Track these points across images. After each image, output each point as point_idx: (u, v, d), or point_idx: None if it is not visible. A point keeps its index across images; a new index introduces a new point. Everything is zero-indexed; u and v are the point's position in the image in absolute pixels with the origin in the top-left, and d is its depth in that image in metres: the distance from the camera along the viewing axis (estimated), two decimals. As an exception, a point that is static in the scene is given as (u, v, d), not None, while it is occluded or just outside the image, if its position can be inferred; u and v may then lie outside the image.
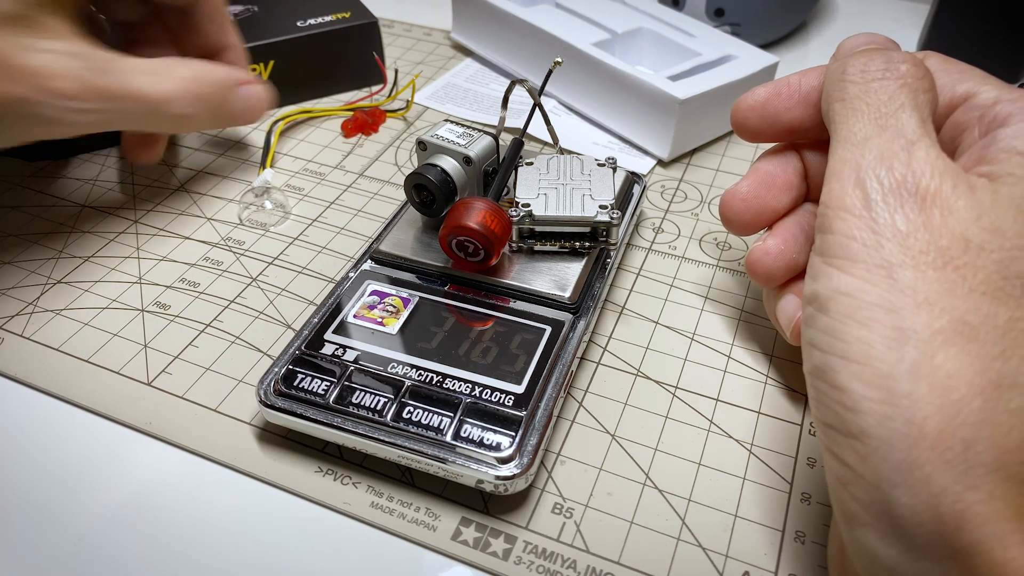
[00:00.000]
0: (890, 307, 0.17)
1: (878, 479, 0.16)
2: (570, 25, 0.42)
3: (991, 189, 0.18)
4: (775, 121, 0.25)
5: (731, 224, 0.27)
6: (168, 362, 0.28)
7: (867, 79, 0.21)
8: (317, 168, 0.38)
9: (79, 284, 0.31)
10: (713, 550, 0.22)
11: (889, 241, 0.18)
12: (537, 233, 0.28)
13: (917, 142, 0.19)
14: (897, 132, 0.19)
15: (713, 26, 0.44)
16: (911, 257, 0.17)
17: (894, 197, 0.18)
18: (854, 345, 0.17)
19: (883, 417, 0.16)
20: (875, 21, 0.54)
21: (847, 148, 0.20)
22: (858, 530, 0.17)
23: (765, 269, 0.25)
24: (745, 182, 0.26)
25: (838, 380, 0.17)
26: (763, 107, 0.25)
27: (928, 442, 0.16)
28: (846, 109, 0.21)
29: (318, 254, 0.33)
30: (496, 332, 0.26)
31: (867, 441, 0.17)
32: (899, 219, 0.18)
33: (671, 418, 0.26)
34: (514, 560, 0.22)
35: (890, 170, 0.18)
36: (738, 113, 0.26)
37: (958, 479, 0.15)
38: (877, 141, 0.19)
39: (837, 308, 0.18)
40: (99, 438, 0.26)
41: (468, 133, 0.29)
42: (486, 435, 0.23)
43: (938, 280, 0.17)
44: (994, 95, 0.21)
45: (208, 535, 0.23)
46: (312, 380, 0.24)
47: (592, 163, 0.30)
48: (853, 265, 0.18)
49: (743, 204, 0.26)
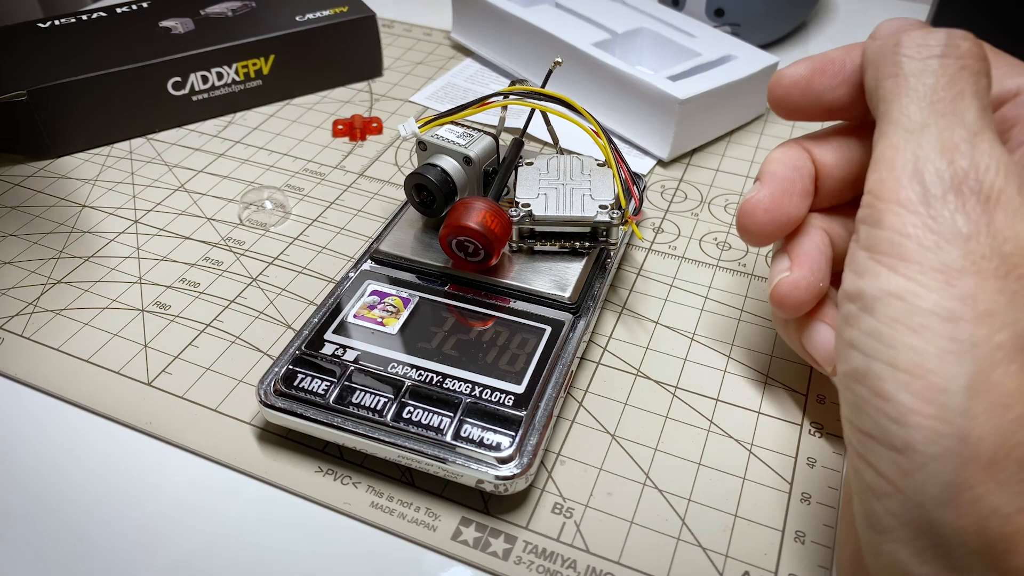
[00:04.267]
0: (947, 315, 0.16)
1: (922, 496, 0.15)
2: (570, 25, 0.42)
3: None
4: (817, 100, 0.23)
5: (752, 236, 0.24)
6: (168, 362, 0.28)
7: (925, 55, 0.19)
8: (317, 168, 0.38)
9: (79, 284, 0.31)
10: (713, 550, 0.22)
11: (949, 243, 0.16)
12: (537, 233, 0.28)
13: (979, 133, 0.17)
14: (959, 120, 0.17)
15: (713, 26, 0.44)
16: (972, 262, 0.16)
17: (955, 194, 0.17)
18: (904, 353, 0.16)
19: (934, 433, 0.15)
20: (875, 21, 0.53)
21: (901, 134, 0.18)
22: (888, 544, 0.16)
23: (795, 303, 0.23)
24: (764, 190, 0.24)
25: (883, 389, 0.16)
26: (807, 85, 0.23)
27: (981, 462, 0.15)
28: (900, 87, 0.19)
29: (318, 254, 0.33)
30: (496, 332, 0.26)
31: (912, 456, 0.16)
32: (960, 219, 0.16)
33: (671, 418, 0.26)
34: (514, 560, 0.22)
35: (952, 163, 0.17)
36: (779, 89, 0.23)
37: (1011, 501, 0.15)
38: (936, 129, 0.17)
39: (886, 311, 0.17)
40: (99, 438, 0.26)
41: (468, 133, 0.29)
42: (486, 435, 0.23)
43: (1000, 290, 0.16)
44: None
45: (208, 535, 0.23)
46: (312, 380, 0.24)
47: (592, 163, 0.30)
48: (906, 266, 0.17)
49: (767, 215, 0.23)
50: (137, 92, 0.39)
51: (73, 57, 0.38)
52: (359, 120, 0.40)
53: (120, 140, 0.40)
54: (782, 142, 0.25)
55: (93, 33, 0.41)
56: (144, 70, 0.38)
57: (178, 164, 0.38)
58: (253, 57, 0.41)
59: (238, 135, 0.40)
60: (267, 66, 0.42)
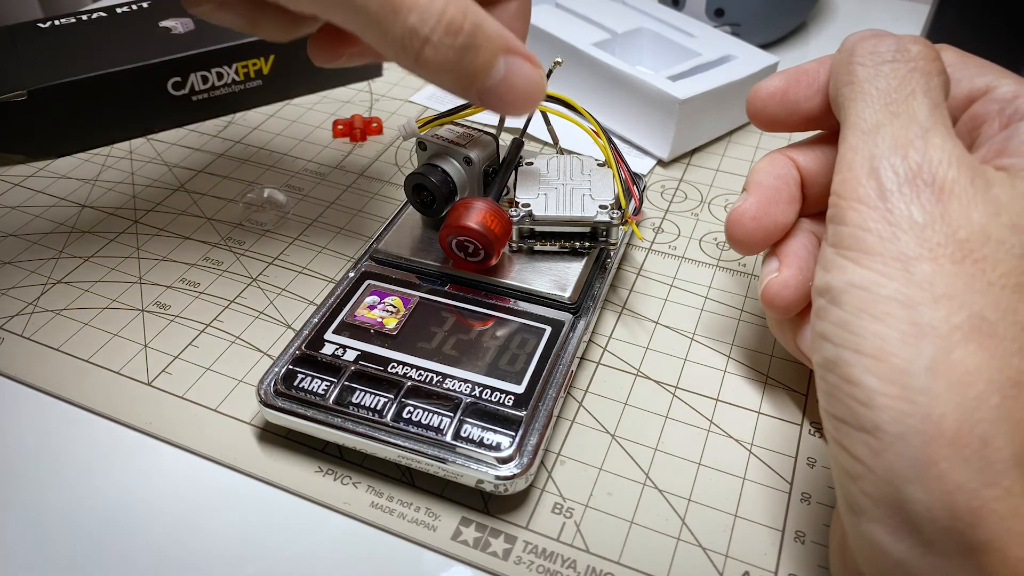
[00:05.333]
0: (907, 301, 0.17)
1: (891, 474, 0.16)
2: (570, 25, 0.42)
3: (1010, 183, 0.18)
4: (794, 110, 0.24)
5: (741, 245, 0.25)
6: (168, 362, 0.28)
7: (877, 61, 0.20)
8: (317, 168, 0.38)
9: (79, 284, 0.31)
10: (713, 550, 0.22)
11: (905, 233, 0.17)
12: (537, 233, 0.28)
13: (931, 129, 0.18)
14: (911, 119, 0.19)
15: (713, 26, 0.44)
16: (928, 250, 0.17)
17: (910, 187, 0.18)
18: (868, 339, 0.17)
19: (899, 413, 0.16)
20: (875, 21, 0.54)
21: (858, 135, 0.19)
22: (866, 524, 0.17)
23: (785, 302, 0.24)
24: (751, 199, 0.24)
25: (851, 374, 0.17)
26: (783, 95, 0.24)
27: (945, 439, 0.15)
28: (855, 93, 0.20)
29: (318, 254, 0.33)
30: (496, 332, 0.26)
31: (881, 436, 0.16)
32: (916, 210, 0.17)
33: (671, 418, 0.26)
34: (514, 560, 0.22)
35: (905, 159, 0.18)
36: (756, 101, 0.25)
37: (975, 476, 0.15)
38: (890, 128, 0.19)
39: (851, 301, 0.18)
40: (99, 438, 0.26)
41: (468, 133, 0.29)
42: (486, 435, 0.23)
43: (956, 274, 0.17)
44: (1014, 89, 0.21)
45: (207, 535, 0.23)
46: (312, 380, 0.24)
47: (592, 163, 0.30)
48: (868, 257, 0.18)
49: (754, 223, 0.24)
50: (137, 92, 0.39)
51: (73, 57, 0.38)
52: (359, 120, 0.40)
53: (120, 140, 0.40)
54: (767, 152, 0.26)
55: (93, 33, 0.41)
56: (144, 70, 0.38)
57: (178, 164, 0.38)
58: (253, 57, 0.41)
59: (238, 135, 0.40)
60: (267, 66, 0.42)
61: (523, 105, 0.21)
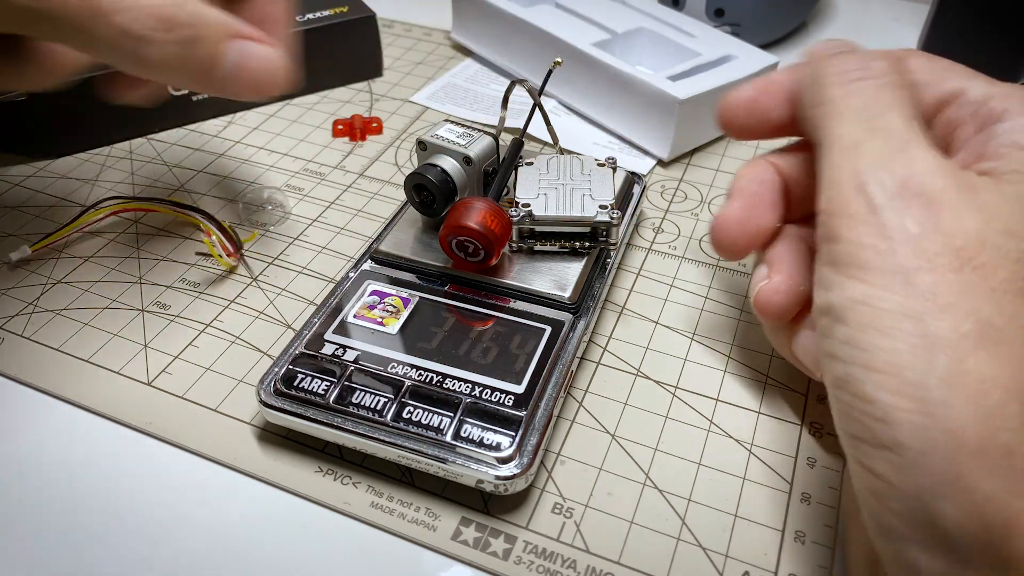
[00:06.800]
0: (912, 313, 0.16)
1: (918, 490, 0.16)
2: (570, 25, 0.42)
3: (997, 188, 0.18)
4: (763, 119, 0.24)
5: (726, 250, 0.25)
6: (168, 362, 0.28)
7: (845, 80, 0.20)
8: (317, 168, 0.38)
9: (79, 284, 0.31)
10: (713, 550, 0.22)
11: (902, 245, 0.17)
12: (537, 233, 0.28)
13: (911, 141, 0.18)
14: (889, 133, 0.19)
15: (713, 26, 0.44)
16: (927, 260, 0.17)
17: (900, 199, 0.17)
18: (878, 354, 0.17)
19: (918, 427, 0.16)
20: (875, 21, 0.54)
21: (838, 153, 0.19)
22: (898, 544, 0.17)
23: (777, 308, 0.24)
24: (734, 204, 0.25)
25: (864, 391, 0.17)
26: (751, 105, 0.24)
27: (969, 451, 0.15)
28: (830, 112, 0.20)
29: (318, 254, 0.33)
30: (496, 332, 0.26)
31: (903, 452, 0.16)
32: (909, 222, 0.17)
33: (671, 418, 0.26)
34: (514, 560, 0.22)
35: (891, 172, 0.18)
36: (726, 111, 0.25)
37: (1003, 487, 0.15)
38: (870, 144, 0.19)
39: (855, 318, 0.17)
40: (99, 438, 0.26)
41: (468, 133, 0.29)
42: (486, 435, 0.23)
43: (958, 282, 0.16)
44: (984, 91, 0.20)
45: (208, 535, 0.23)
46: (312, 380, 0.24)
47: (592, 163, 0.30)
48: (867, 273, 0.17)
49: (738, 228, 0.24)
50: (137, 92, 0.39)
51: (73, 57, 0.38)
52: (359, 120, 0.40)
53: (120, 140, 0.40)
54: (749, 160, 0.26)
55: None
56: (144, 70, 0.38)
57: (178, 164, 0.38)
58: None
59: (238, 135, 0.40)
60: None
61: (264, 87, 0.21)
